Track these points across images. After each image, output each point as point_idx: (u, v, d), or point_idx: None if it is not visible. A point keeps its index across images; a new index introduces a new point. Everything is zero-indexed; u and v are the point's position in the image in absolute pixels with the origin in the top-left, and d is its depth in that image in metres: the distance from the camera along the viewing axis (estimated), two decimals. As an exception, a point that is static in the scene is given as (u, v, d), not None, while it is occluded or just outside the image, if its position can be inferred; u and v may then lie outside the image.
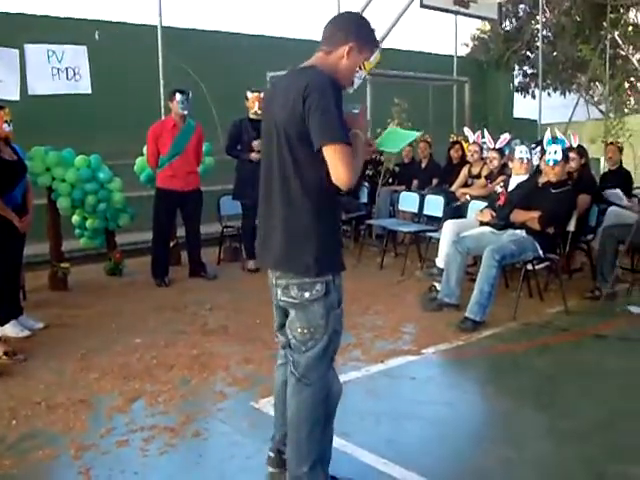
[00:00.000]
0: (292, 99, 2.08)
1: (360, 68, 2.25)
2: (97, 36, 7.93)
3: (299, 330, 2.25)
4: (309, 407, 2.29)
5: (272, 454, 2.58)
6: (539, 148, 5.54)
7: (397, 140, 2.53)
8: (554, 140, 5.09)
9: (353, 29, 2.20)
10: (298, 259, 2.18)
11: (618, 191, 6.01)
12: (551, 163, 4.94)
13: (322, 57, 2.22)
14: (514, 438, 2.99)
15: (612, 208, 5.72)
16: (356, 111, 2.29)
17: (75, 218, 6.27)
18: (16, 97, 5.62)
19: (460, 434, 3.05)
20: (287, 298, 2.25)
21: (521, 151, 5.30)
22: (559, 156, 4.93)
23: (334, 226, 2.28)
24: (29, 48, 5.82)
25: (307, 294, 2.20)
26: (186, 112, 5.88)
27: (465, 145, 7.41)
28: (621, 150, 6.59)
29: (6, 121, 4.44)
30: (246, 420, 3.15)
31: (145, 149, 6.16)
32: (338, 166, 2.05)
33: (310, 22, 14.75)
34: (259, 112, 6.41)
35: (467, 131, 7.33)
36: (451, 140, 7.92)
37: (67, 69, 6.09)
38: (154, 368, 3.82)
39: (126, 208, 6.30)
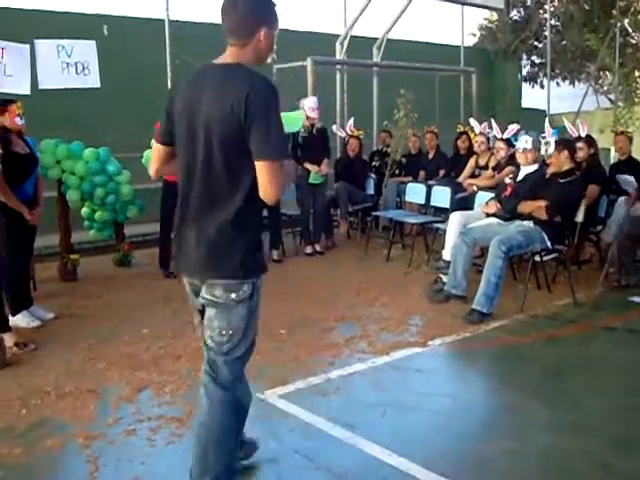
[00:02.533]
0: (233, 103, 1.98)
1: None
2: (105, 31, 7.95)
3: (217, 331, 2.17)
4: (222, 411, 2.22)
5: None
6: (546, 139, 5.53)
7: (293, 122, 2.56)
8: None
9: (259, 13, 2.13)
10: (224, 262, 2.11)
11: (631, 178, 5.93)
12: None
13: (239, 52, 2.13)
14: (519, 430, 2.99)
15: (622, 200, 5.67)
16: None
17: (84, 210, 6.31)
18: (27, 91, 5.67)
19: (465, 426, 3.06)
20: (209, 296, 2.15)
21: (521, 141, 5.27)
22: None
23: (258, 227, 2.21)
24: (39, 43, 5.85)
25: (233, 295, 2.13)
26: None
27: (472, 136, 7.38)
28: (631, 140, 6.53)
29: (18, 114, 4.48)
30: (252, 411, 3.15)
31: (153, 142, 6.17)
32: (269, 183, 2.01)
33: (314, 14, 14.66)
34: None
35: (473, 122, 7.30)
36: (458, 131, 7.89)
37: (76, 64, 6.12)
38: (161, 358, 3.85)
39: (134, 200, 6.34)
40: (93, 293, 5.36)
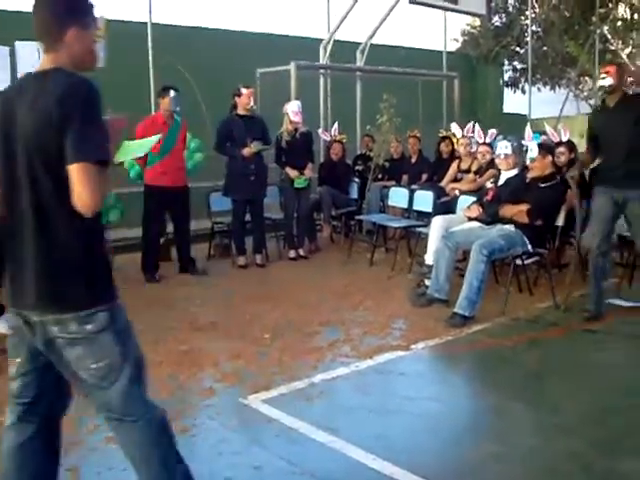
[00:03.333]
0: (47, 108, 1.76)
1: (96, 42, 2.00)
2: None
3: (93, 366, 1.89)
4: (149, 443, 2.01)
5: None
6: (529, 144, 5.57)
7: (136, 149, 2.30)
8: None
9: (64, 12, 1.88)
10: (68, 293, 1.85)
11: None
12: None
13: (54, 57, 1.88)
14: (502, 433, 3.01)
15: None
16: (117, 118, 2.02)
17: (65, 215, 6.24)
18: (6, 94, 5.60)
19: (449, 429, 3.06)
20: (65, 334, 1.85)
21: (501, 147, 5.32)
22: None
23: (103, 248, 1.98)
24: (20, 45, 5.79)
25: (90, 326, 1.86)
26: (179, 109, 5.89)
27: (455, 140, 7.43)
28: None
29: None
30: (235, 416, 3.16)
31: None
32: (84, 187, 1.74)
33: (299, 18, 14.70)
34: (254, 107, 6.42)
35: (455, 127, 7.36)
36: (440, 135, 7.94)
37: (57, 66, 6.06)
38: (143, 365, 3.81)
39: (116, 204, 6.28)
40: (74, 298, 5.29)
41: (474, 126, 6.94)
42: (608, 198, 4.55)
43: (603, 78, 4.50)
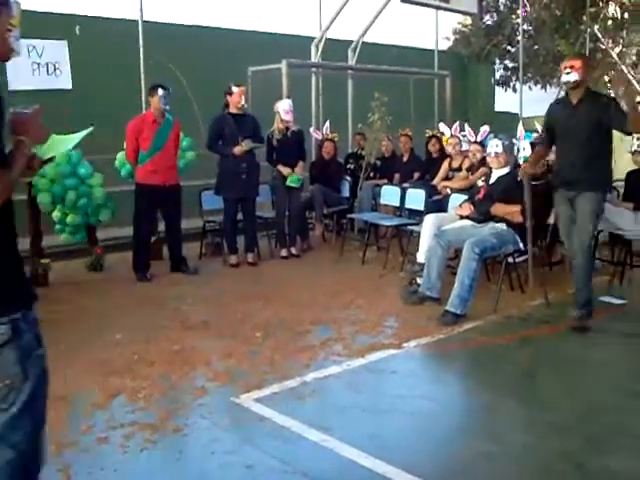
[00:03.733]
0: None
1: (10, 30, 1.85)
2: (77, 31, 7.85)
3: None
4: (9, 476, 1.73)
5: None
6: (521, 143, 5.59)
7: (64, 143, 2.11)
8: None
9: None
10: None
11: None
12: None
13: None
14: (495, 431, 3.01)
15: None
16: (27, 111, 1.85)
17: (56, 214, 6.21)
18: (-4, 93, 5.57)
19: (442, 428, 3.07)
20: None
21: (492, 145, 5.33)
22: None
23: (10, 253, 1.77)
24: None
25: None
26: (168, 107, 5.86)
27: (444, 139, 7.45)
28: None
29: None
30: (227, 415, 3.16)
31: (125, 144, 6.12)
32: None
33: (291, 16, 14.66)
34: (245, 105, 6.42)
35: (442, 126, 7.37)
36: (426, 135, 7.95)
37: (47, 64, 6.03)
38: (135, 364, 3.80)
39: (107, 203, 6.26)
40: (65, 298, 5.27)
41: (461, 125, 6.96)
42: (564, 200, 4.50)
43: (568, 73, 4.25)
